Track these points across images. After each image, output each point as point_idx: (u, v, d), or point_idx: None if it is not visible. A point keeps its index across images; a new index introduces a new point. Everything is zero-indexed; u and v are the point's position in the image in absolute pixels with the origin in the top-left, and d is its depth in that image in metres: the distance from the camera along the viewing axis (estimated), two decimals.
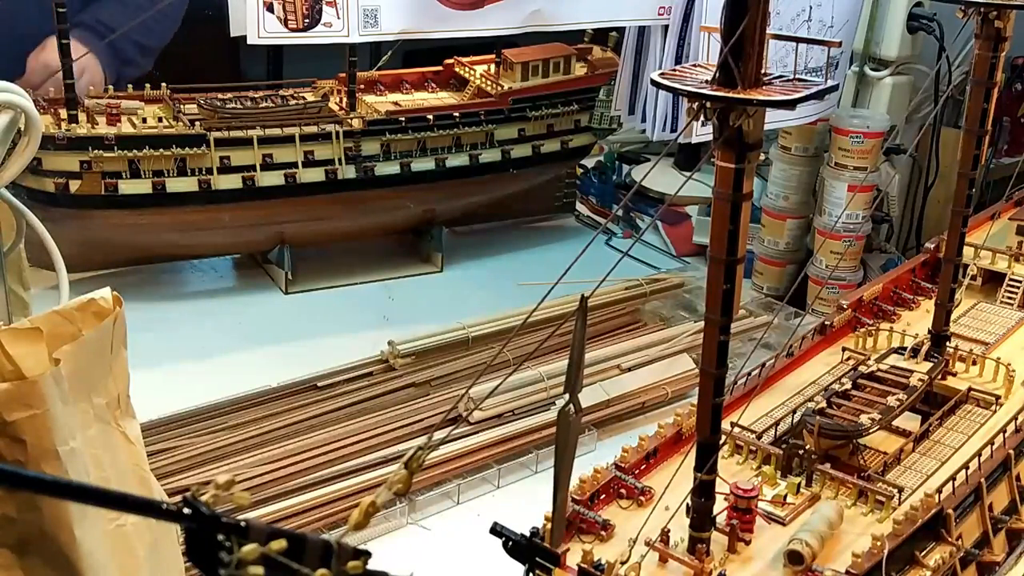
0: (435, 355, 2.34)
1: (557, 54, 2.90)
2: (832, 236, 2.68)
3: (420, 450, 0.63)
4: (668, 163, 3.42)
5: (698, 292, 2.68)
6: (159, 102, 2.65)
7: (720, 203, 1.17)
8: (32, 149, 1.53)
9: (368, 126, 2.68)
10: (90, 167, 2.41)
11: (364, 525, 0.56)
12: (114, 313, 1.17)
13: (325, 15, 2.27)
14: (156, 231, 2.55)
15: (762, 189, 2.89)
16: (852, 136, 2.62)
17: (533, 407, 2.16)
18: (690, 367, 2.30)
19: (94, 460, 1.13)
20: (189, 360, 2.37)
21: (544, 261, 2.94)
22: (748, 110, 1.11)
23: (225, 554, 0.46)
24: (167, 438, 1.99)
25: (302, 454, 1.97)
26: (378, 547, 1.62)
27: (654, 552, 1.32)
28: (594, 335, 2.45)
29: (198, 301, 2.68)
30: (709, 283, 1.22)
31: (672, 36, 2.38)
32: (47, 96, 2.49)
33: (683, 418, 1.60)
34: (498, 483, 2.00)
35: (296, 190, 2.62)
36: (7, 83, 1.49)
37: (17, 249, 1.59)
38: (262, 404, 2.14)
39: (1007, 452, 1.59)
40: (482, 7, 2.40)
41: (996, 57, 1.64)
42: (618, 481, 1.47)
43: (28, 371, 1.08)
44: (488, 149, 2.84)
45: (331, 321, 2.58)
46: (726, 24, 1.10)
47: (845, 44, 2.59)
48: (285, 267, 2.70)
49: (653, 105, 2.44)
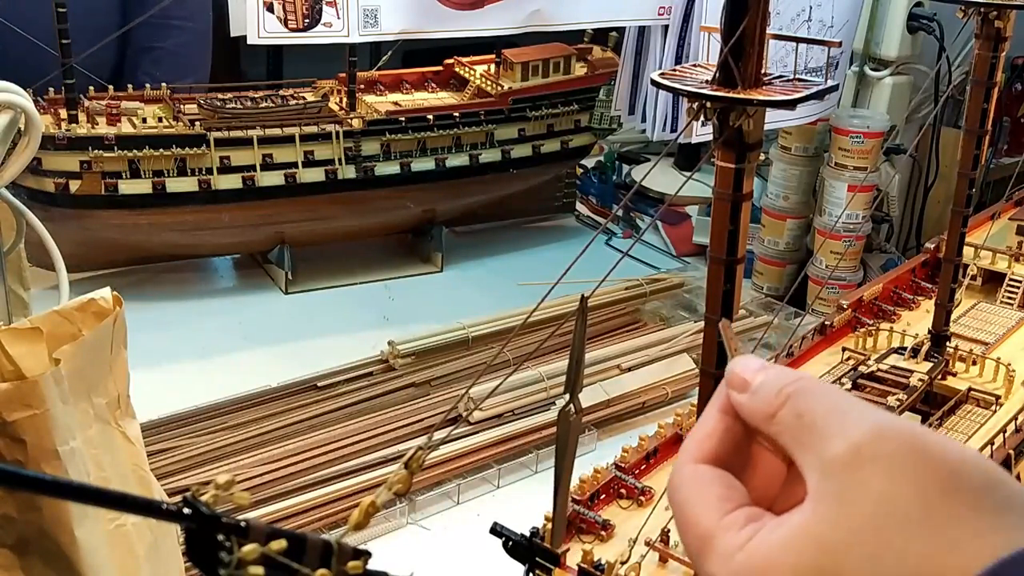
0: (435, 355, 2.34)
1: (557, 54, 2.90)
2: (832, 236, 2.68)
3: (420, 450, 0.63)
4: (668, 163, 3.42)
5: (698, 292, 2.68)
6: (159, 102, 2.65)
7: (720, 203, 1.17)
8: (32, 149, 1.53)
9: (368, 126, 2.68)
10: (90, 167, 2.41)
11: (364, 525, 0.55)
12: (114, 313, 1.17)
13: (325, 15, 2.27)
14: (156, 231, 2.55)
15: (762, 189, 2.89)
16: (852, 136, 2.62)
17: (533, 407, 2.16)
18: (690, 367, 2.30)
19: (94, 460, 1.13)
20: (189, 360, 2.37)
21: (544, 261, 2.94)
22: (748, 110, 1.11)
23: (225, 554, 0.46)
24: (167, 438, 1.99)
25: (302, 454, 1.97)
26: (378, 547, 1.62)
27: (654, 552, 1.32)
28: (594, 335, 2.45)
29: (198, 301, 2.68)
30: (709, 283, 1.22)
31: (672, 36, 2.38)
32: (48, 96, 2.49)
33: (683, 418, 1.60)
34: (498, 483, 2.00)
35: (296, 190, 2.62)
36: (7, 83, 1.49)
37: (17, 249, 1.59)
38: (262, 404, 2.14)
39: (1007, 452, 1.59)
40: (482, 7, 2.40)
41: (996, 57, 1.64)
42: (618, 481, 1.47)
43: (28, 371, 1.08)
44: (488, 149, 2.84)
45: (331, 321, 2.58)
46: (726, 24, 1.10)
47: (845, 44, 2.58)
48: (285, 267, 2.70)
49: (653, 105, 2.44)
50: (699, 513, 0.54)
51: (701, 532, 0.54)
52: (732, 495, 0.55)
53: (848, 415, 0.51)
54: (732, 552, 0.51)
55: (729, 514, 0.53)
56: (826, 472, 0.50)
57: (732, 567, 0.51)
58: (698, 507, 0.55)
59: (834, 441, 0.51)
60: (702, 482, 0.56)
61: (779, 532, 0.51)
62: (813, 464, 0.51)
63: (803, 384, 0.55)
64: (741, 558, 0.51)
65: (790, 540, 0.50)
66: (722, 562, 0.52)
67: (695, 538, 0.54)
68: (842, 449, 0.50)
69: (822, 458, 0.51)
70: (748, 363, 0.58)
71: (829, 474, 0.50)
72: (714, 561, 0.52)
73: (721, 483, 0.56)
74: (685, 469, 0.57)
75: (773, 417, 0.54)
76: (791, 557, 0.49)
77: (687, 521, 0.55)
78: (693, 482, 0.56)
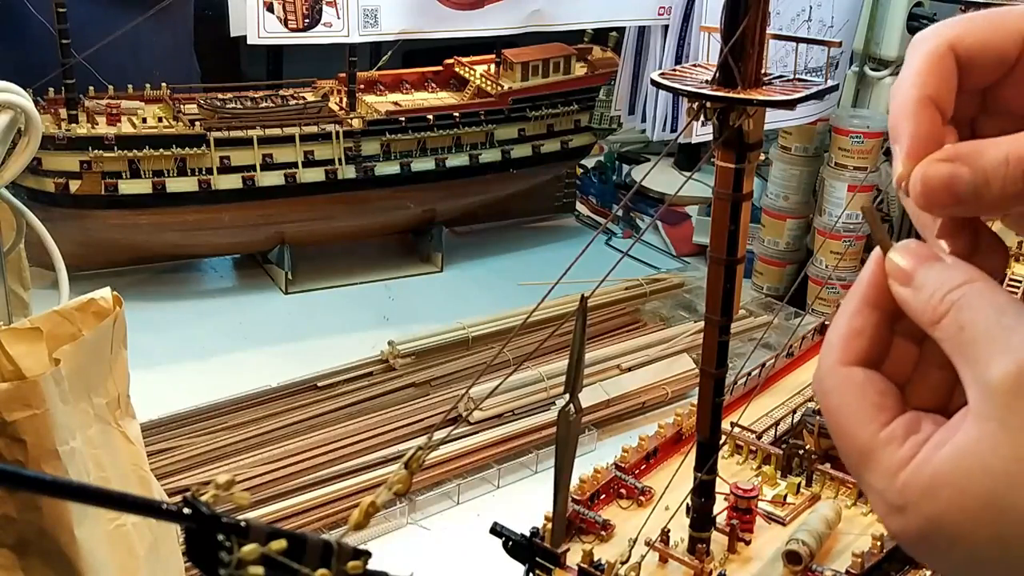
0: (435, 355, 2.34)
1: (557, 54, 2.90)
2: (832, 236, 2.68)
3: (420, 450, 0.63)
4: (668, 163, 3.42)
5: (698, 292, 2.68)
6: (159, 102, 2.65)
7: (720, 203, 1.18)
8: (32, 149, 1.53)
9: (368, 126, 2.68)
10: (90, 167, 2.41)
11: (364, 525, 0.55)
12: (114, 313, 1.17)
13: (325, 15, 2.27)
14: (156, 231, 2.55)
15: (762, 189, 2.89)
16: (852, 136, 2.62)
17: (533, 407, 2.16)
18: (690, 367, 2.30)
19: (94, 460, 1.13)
20: (189, 360, 2.37)
21: (544, 261, 2.94)
22: (748, 110, 1.11)
23: (225, 554, 0.46)
24: (167, 438, 1.99)
25: (302, 454, 1.97)
26: (378, 547, 1.62)
27: (654, 552, 1.32)
28: (594, 335, 2.45)
29: (198, 301, 2.68)
30: (709, 283, 1.22)
31: (672, 36, 2.38)
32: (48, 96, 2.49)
33: (683, 418, 1.60)
34: (498, 483, 2.00)
35: (296, 190, 2.62)
36: (7, 83, 1.49)
37: (17, 249, 1.59)
38: (262, 404, 2.14)
39: None
40: (482, 7, 2.40)
41: None
42: (618, 481, 1.48)
43: (28, 371, 1.08)
44: (488, 149, 2.84)
45: (331, 321, 2.58)
46: (726, 24, 1.10)
47: (845, 44, 2.59)
48: (285, 267, 2.70)
49: (653, 105, 2.44)
50: (855, 424, 0.52)
51: (860, 446, 0.52)
52: (887, 402, 0.53)
53: (1014, 333, 0.48)
54: (895, 470, 0.50)
55: (887, 426, 0.52)
56: (988, 393, 0.48)
57: (897, 486, 0.50)
58: (853, 417, 0.53)
59: (996, 362, 0.48)
60: (854, 388, 0.53)
61: (945, 451, 0.49)
62: (975, 381, 0.49)
63: (968, 292, 0.51)
64: (906, 477, 0.50)
65: (957, 460, 0.48)
66: (886, 480, 0.50)
67: (854, 451, 0.53)
68: (1003, 372, 0.48)
69: (984, 378, 0.48)
70: (910, 251, 0.53)
71: (991, 396, 0.48)
72: (877, 478, 0.51)
73: (875, 389, 0.53)
74: (835, 373, 0.54)
75: (937, 324, 0.51)
76: (959, 479, 0.48)
77: (843, 433, 0.53)
78: (845, 389, 0.54)
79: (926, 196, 0.52)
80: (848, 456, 0.54)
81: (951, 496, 0.48)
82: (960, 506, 0.48)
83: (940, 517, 0.48)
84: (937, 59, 0.53)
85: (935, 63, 0.53)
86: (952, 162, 0.51)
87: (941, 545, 0.49)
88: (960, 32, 0.53)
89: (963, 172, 0.51)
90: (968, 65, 0.54)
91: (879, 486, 0.51)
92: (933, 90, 0.53)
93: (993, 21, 0.53)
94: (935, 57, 0.53)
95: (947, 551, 0.49)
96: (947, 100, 0.53)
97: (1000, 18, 0.53)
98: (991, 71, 0.54)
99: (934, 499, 0.49)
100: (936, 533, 0.49)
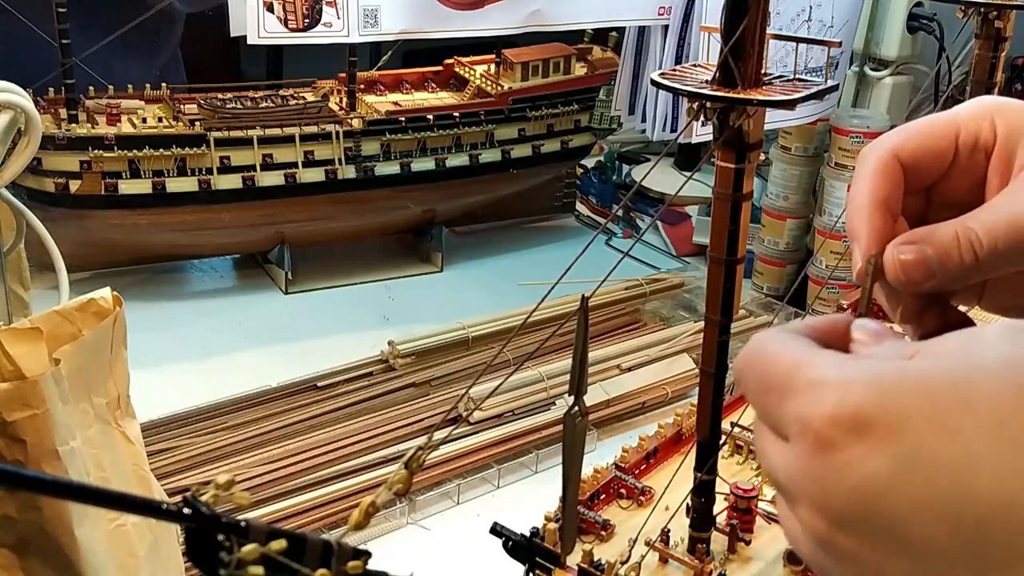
0: (435, 355, 2.34)
1: (557, 54, 2.90)
2: (832, 236, 2.68)
3: (420, 450, 0.63)
4: (668, 163, 3.42)
5: (698, 292, 2.68)
6: (159, 102, 2.65)
7: (720, 203, 1.18)
8: (32, 149, 1.53)
9: (368, 126, 2.68)
10: (90, 167, 2.41)
11: (364, 525, 0.56)
12: (114, 313, 1.17)
13: (325, 15, 2.27)
14: (156, 231, 2.55)
15: (762, 189, 2.89)
16: (852, 136, 2.62)
17: (533, 407, 2.16)
18: (690, 367, 2.30)
19: (94, 460, 1.13)
20: (189, 360, 2.37)
21: (544, 261, 2.94)
22: (748, 110, 1.11)
23: (225, 554, 0.46)
24: (167, 438, 1.99)
25: (302, 454, 1.97)
26: (378, 547, 1.62)
27: (654, 552, 1.32)
28: (594, 335, 2.45)
29: (198, 301, 2.68)
30: (709, 283, 1.22)
31: (672, 36, 2.38)
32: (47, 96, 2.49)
33: (683, 418, 1.60)
34: (498, 483, 2.00)
35: (296, 190, 2.62)
36: (7, 83, 1.50)
37: (17, 249, 1.59)
38: (262, 404, 2.14)
39: None
40: (482, 7, 2.40)
41: (996, 57, 1.64)
42: (618, 481, 1.48)
43: (28, 371, 1.08)
44: (488, 149, 2.84)
45: (331, 321, 2.58)
46: (726, 24, 1.10)
47: (845, 44, 2.59)
48: (285, 267, 2.70)
49: (653, 105, 2.44)
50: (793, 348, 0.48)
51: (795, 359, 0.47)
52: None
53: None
54: (853, 372, 0.45)
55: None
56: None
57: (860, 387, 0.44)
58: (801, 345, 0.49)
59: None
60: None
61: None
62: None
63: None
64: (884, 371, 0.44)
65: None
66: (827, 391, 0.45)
67: (782, 369, 0.47)
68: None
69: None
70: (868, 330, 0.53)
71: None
72: (804, 396, 0.46)
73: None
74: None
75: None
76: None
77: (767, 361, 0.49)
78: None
79: (906, 273, 0.57)
80: (762, 395, 0.49)
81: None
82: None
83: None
84: (883, 167, 0.60)
85: (882, 170, 0.60)
86: (916, 243, 0.57)
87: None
88: (901, 141, 0.61)
89: (927, 250, 0.56)
90: (912, 168, 0.60)
91: (806, 407, 0.45)
92: (883, 194, 0.60)
93: (930, 127, 0.60)
94: (881, 165, 0.60)
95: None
96: (896, 201, 0.60)
97: (933, 125, 0.60)
98: (932, 171, 0.61)
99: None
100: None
